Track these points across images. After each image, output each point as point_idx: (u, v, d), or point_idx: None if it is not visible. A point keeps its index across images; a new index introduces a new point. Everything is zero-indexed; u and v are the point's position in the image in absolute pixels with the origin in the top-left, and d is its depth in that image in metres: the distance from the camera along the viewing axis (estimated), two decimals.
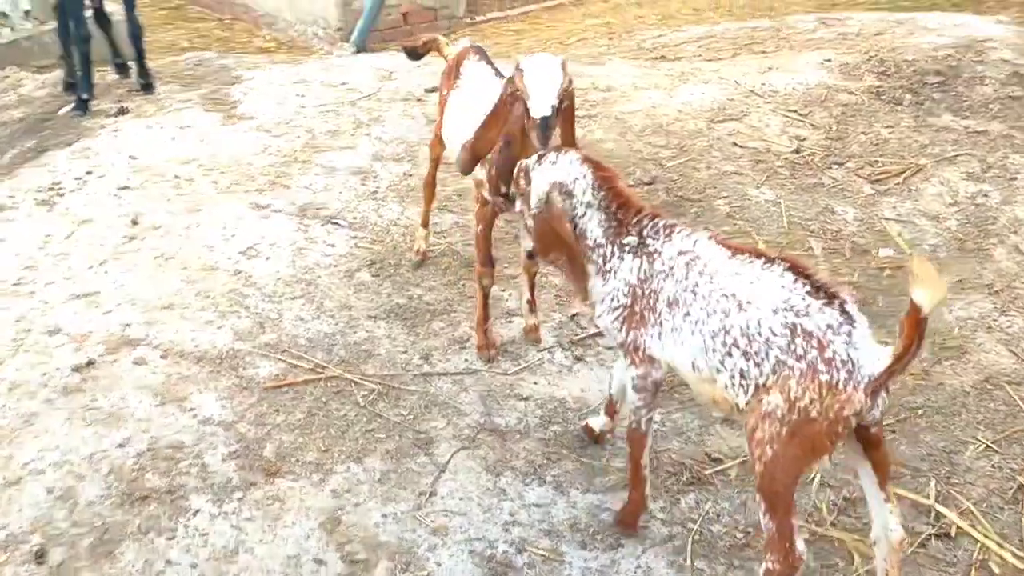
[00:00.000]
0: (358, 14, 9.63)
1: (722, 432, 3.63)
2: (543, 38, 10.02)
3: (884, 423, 3.55)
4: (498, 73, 3.92)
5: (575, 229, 2.92)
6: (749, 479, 3.41)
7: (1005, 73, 6.15)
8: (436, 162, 4.33)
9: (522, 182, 3.01)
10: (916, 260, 2.35)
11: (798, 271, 2.55)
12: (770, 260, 2.61)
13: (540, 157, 2.98)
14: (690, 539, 3.16)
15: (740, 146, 5.58)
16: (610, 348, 4.03)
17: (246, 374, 3.70)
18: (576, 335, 4.10)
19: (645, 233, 2.84)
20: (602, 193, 2.89)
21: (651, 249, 2.81)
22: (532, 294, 3.98)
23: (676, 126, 5.75)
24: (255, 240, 4.48)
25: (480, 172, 3.60)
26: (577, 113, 5.86)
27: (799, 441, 2.46)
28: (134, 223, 4.54)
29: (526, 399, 3.72)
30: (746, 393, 2.55)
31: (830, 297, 2.48)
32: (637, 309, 2.82)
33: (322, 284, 4.24)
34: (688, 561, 3.09)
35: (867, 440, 2.62)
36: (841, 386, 2.40)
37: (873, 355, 2.43)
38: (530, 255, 3.86)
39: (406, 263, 4.43)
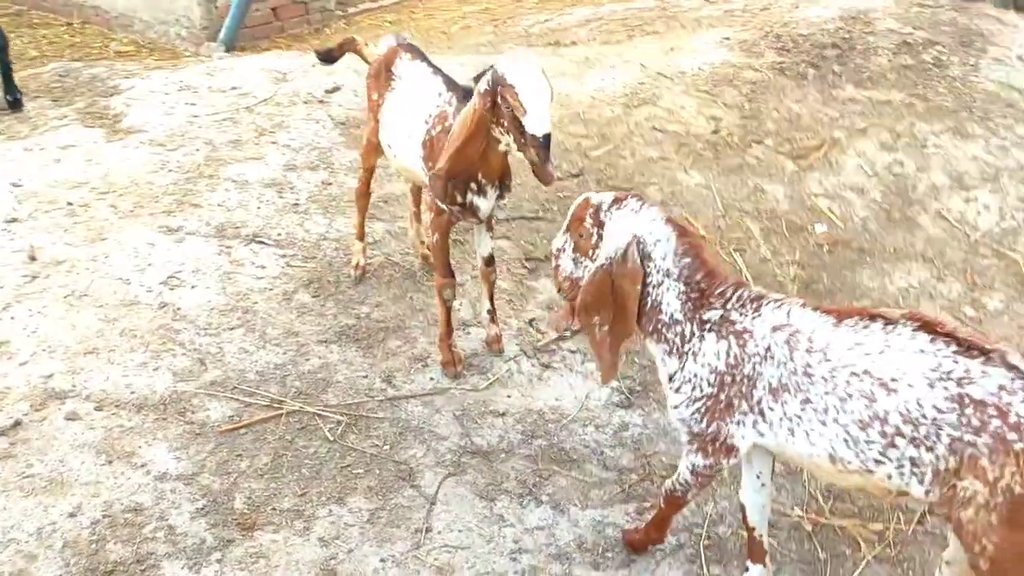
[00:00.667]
0: (223, 11, 9.12)
1: None
2: (423, 27, 9.75)
3: None
4: (437, 71, 3.69)
5: (644, 299, 2.58)
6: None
7: (895, 43, 6.31)
8: (370, 171, 4.07)
9: (588, 222, 2.63)
10: None
11: (932, 328, 2.26)
12: (890, 322, 2.31)
13: (617, 201, 2.61)
14: (701, 545, 3.05)
15: (660, 130, 5.52)
16: (574, 352, 3.89)
17: (196, 418, 3.36)
18: (538, 341, 3.93)
19: (730, 307, 2.51)
20: (686, 260, 2.54)
21: (739, 328, 2.48)
22: (492, 303, 3.79)
23: (593, 114, 5.64)
24: (175, 268, 4.09)
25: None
26: None
27: (1020, 523, 2.14)
28: (32, 259, 4.07)
29: (503, 415, 3.53)
30: (921, 481, 2.25)
31: (984, 352, 2.21)
32: (723, 397, 2.51)
33: (260, 310, 3.92)
34: (704, 568, 2.98)
35: None
36: None
37: None
38: (487, 262, 3.67)
39: (346, 280, 4.15)
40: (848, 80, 6.01)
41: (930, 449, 2.20)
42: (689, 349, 2.54)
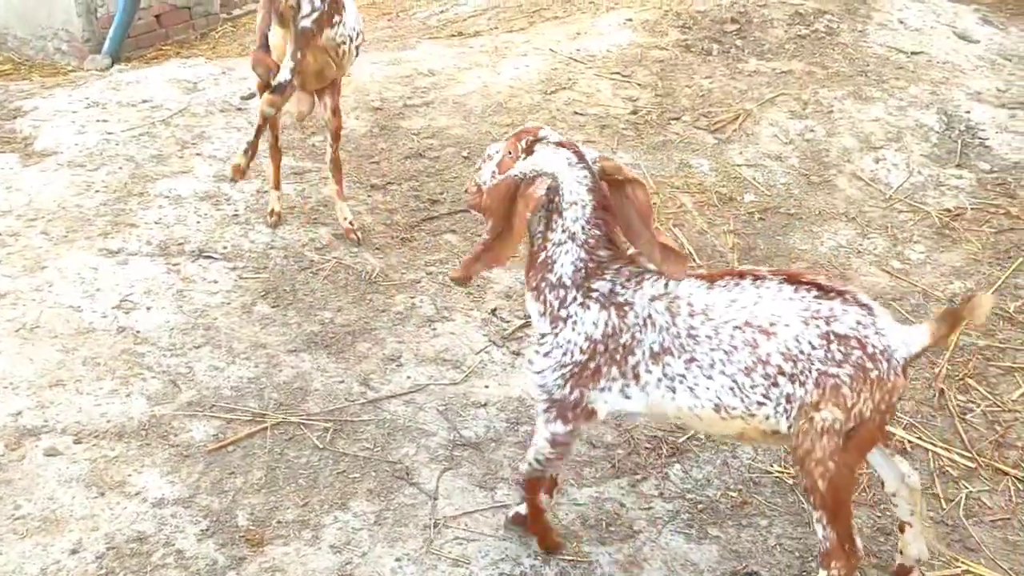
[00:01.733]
0: (105, 22, 8.81)
1: None
2: None
3: None
4: None
5: (539, 242, 2.64)
6: (719, 439, 3.50)
7: (788, 14, 6.62)
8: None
9: (522, 145, 2.65)
10: (982, 296, 2.42)
11: (795, 279, 2.48)
12: (758, 277, 2.51)
13: (561, 145, 2.62)
14: (696, 510, 3.21)
15: (581, 114, 5.66)
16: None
17: (180, 440, 3.31)
18: (504, 331, 4.01)
19: (617, 281, 2.60)
20: (596, 232, 2.59)
21: (621, 300, 2.58)
22: (257, 137, 4.03)
23: (514, 103, 5.73)
24: (125, 291, 4.00)
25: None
26: (412, 101, 5.72)
27: (857, 445, 2.41)
28: None
29: (484, 405, 3.60)
30: (788, 417, 2.44)
31: (839, 293, 2.44)
32: (592, 364, 2.59)
33: (222, 326, 3.87)
34: (702, 530, 3.13)
35: None
36: (887, 377, 2.38)
37: (900, 336, 2.42)
38: (276, 89, 3.88)
39: (302, 287, 4.13)
40: (750, 53, 6.28)
41: (802, 384, 2.39)
42: (567, 316, 2.59)
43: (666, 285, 2.56)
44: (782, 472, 3.38)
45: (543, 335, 2.65)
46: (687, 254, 2.75)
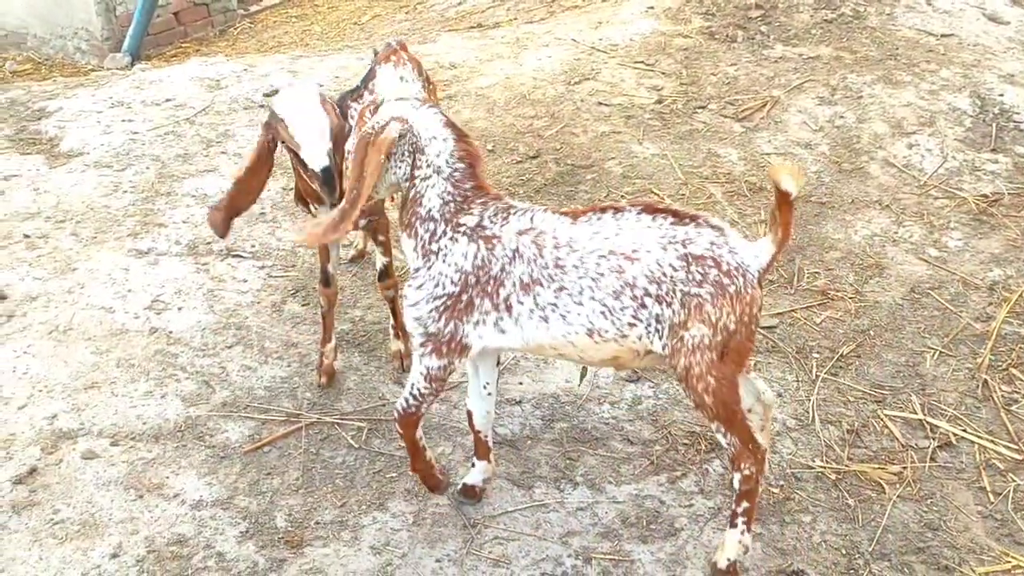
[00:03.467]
0: (124, 21, 8.82)
1: None
2: (332, 20, 9.61)
3: (842, 350, 3.75)
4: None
5: (407, 184, 2.72)
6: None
7: None
8: None
9: (369, 109, 2.82)
10: (771, 167, 2.53)
11: (651, 209, 2.61)
12: (619, 210, 2.64)
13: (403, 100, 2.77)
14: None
15: (606, 104, 5.60)
16: None
17: (216, 441, 3.30)
18: None
19: (485, 215, 2.69)
20: (460, 165, 2.69)
21: (489, 234, 2.66)
22: (397, 319, 3.63)
23: (538, 94, 5.68)
24: (156, 291, 3.99)
25: None
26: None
27: (731, 356, 2.57)
28: (2, 298, 3.91)
29: (519, 403, 3.57)
30: (661, 337, 2.58)
31: (694, 219, 2.58)
32: (465, 297, 2.67)
33: (253, 325, 3.85)
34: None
35: None
36: (744, 291, 2.52)
37: (751, 252, 2.57)
38: (379, 276, 3.62)
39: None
40: (776, 39, 6.19)
41: (669, 305, 2.54)
42: (438, 249, 2.68)
43: (532, 219, 2.68)
44: (824, 467, 3.33)
45: (416, 269, 2.74)
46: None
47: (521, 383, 3.66)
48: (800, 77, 5.76)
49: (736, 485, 2.76)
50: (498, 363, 3.05)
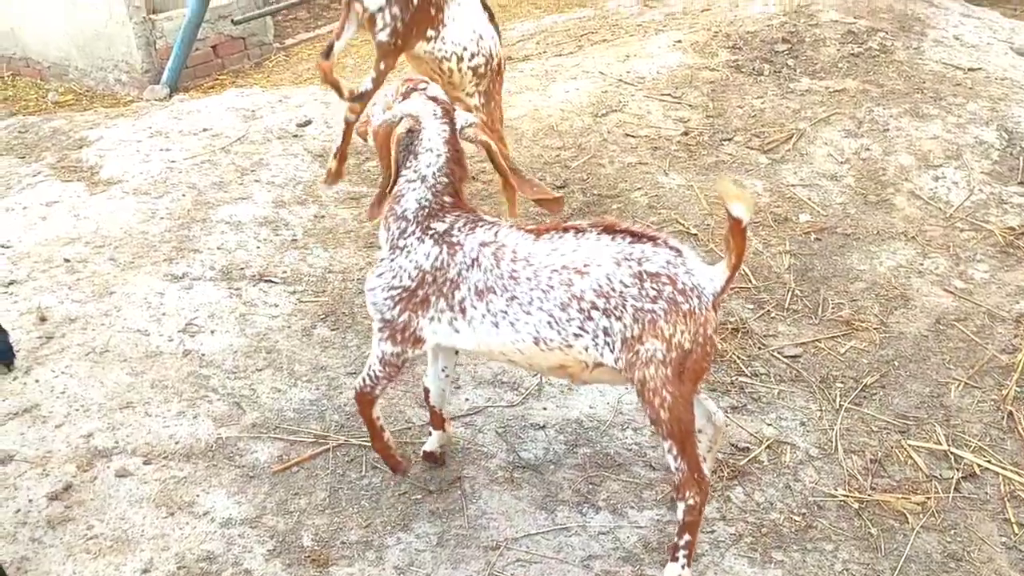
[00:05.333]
0: (164, 54, 9.06)
1: (737, 420, 3.67)
2: (364, 54, 9.79)
3: (865, 380, 3.76)
4: None
5: (396, 179, 2.95)
6: (781, 461, 3.48)
7: (840, 32, 6.58)
8: None
9: (402, 91, 3.01)
10: (720, 183, 2.62)
11: (611, 229, 2.71)
12: (580, 230, 2.75)
13: (434, 100, 2.98)
14: (759, 533, 3.18)
15: (632, 136, 5.67)
16: None
17: (246, 461, 3.37)
18: None
19: (455, 225, 2.88)
20: (444, 180, 2.92)
21: (454, 240, 2.85)
22: (344, 143, 4.30)
23: (565, 125, 5.77)
24: (190, 315, 4.08)
25: None
26: None
27: (687, 374, 2.63)
28: (42, 320, 4.02)
29: (543, 427, 3.61)
30: (612, 350, 2.66)
31: (652, 239, 2.68)
32: (420, 293, 2.87)
33: (284, 349, 3.93)
34: (766, 554, 3.10)
35: None
36: (699, 311, 2.59)
37: (707, 275, 2.64)
38: (357, 97, 4.21)
39: (360, 310, 4.18)
40: (802, 72, 6.25)
41: (619, 319, 2.63)
42: (404, 245, 2.90)
43: (496, 234, 2.84)
44: (847, 496, 3.34)
45: (381, 259, 2.96)
46: (560, 196, 3.13)
47: (545, 408, 3.71)
48: (826, 110, 5.81)
49: (680, 516, 2.79)
50: (456, 353, 3.22)
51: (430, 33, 4.18)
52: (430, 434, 3.39)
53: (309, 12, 11.57)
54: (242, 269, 4.43)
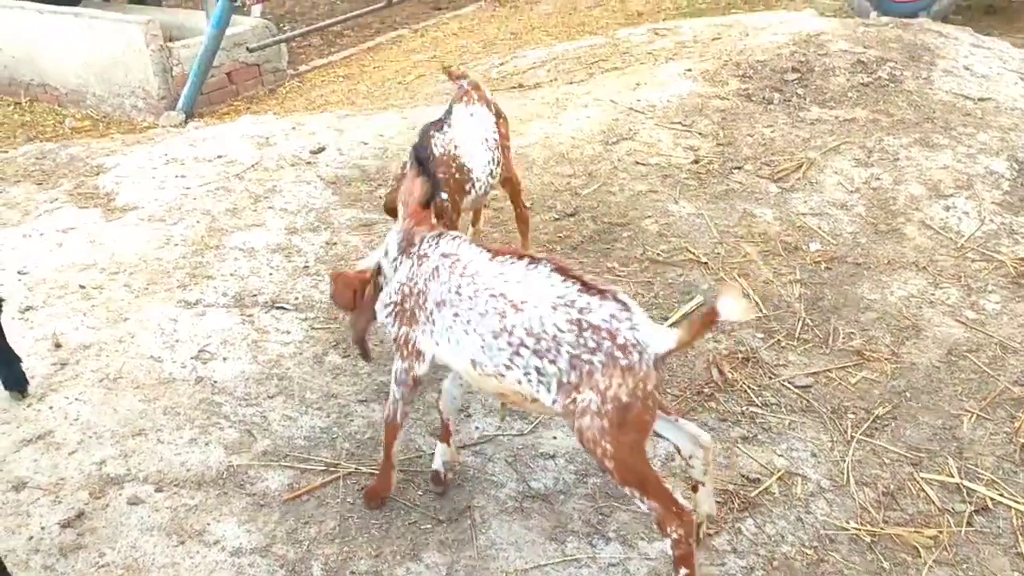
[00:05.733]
0: (180, 81, 9.16)
1: (747, 450, 3.67)
2: (377, 80, 9.89)
3: (877, 411, 3.74)
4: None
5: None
6: (792, 493, 3.47)
7: (850, 62, 6.61)
8: None
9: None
10: (727, 285, 2.66)
11: (565, 272, 2.72)
12: (534, 260, 2.78)
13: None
14: (771, 567, 3.17)
15: (643, 164, 5.70)
16: None
17: (256, 490, 3.39)
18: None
19: (425, 241, 3.04)
20: (401, 237, 3.13)
21: (422, 252, 3.00)
22: None
23: (575, 153, 5.80)
24: (203, 341, 4.11)
25: None
26: None
27: (627, 426, 2.62)
28: (57, 346, 4.06)
29: (553, 457, 3.62)
30: (549, 390, 2.68)
31: (601, 292, 2.67)
32: (407, 306, 3.00)
33: (295, 376, 3.95)
34: None
35: None
36: (638, 367, 2.59)
37: (654, 334, 2.63)
38: None
39: (372, 337, 4.18)
40: (812, 101, 6.27)
41: (552, 362, 2.64)
42: (395, 269, 3.11)
43: (458, 247, 2.94)
44: (859, 529, 3.33)
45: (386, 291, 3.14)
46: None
47: (555, 437, 3.71)
48: (836, 139, 5.83)
49: (670, 552, 2.76)
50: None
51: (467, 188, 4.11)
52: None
53: (323, 39, 11.70)
54: (255, 296, 4.46)
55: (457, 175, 3.94)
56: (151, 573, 3.01)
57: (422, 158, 3.39)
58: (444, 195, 3.84)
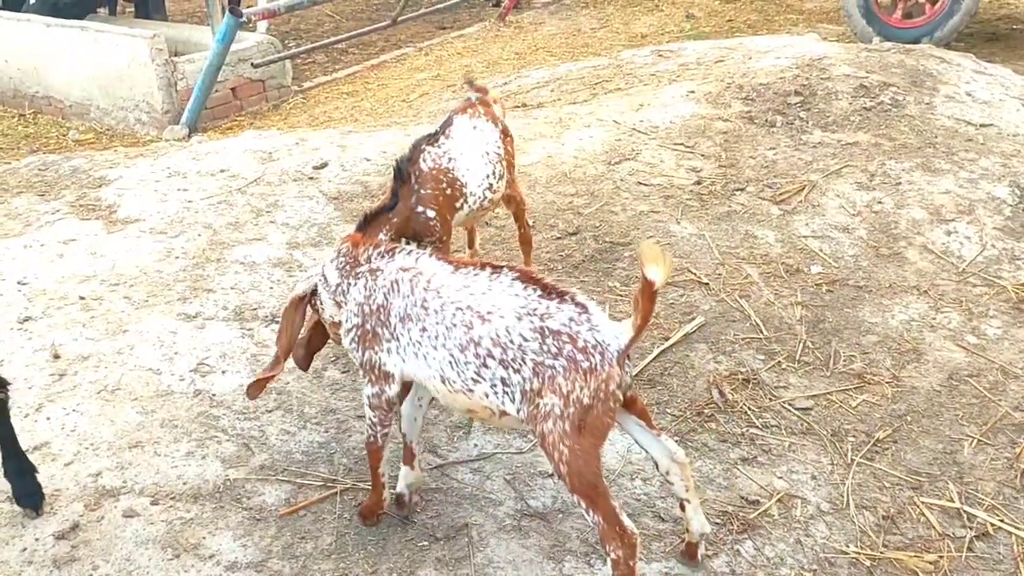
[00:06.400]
0: (184, 95, 9.20)
1: (747, 472, 3.65)
2: (380, 97, 9.92)
3: (878, 435, 3.72)
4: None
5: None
6: (791, 516, 3.45)
7: (852, 87, 6.63)
8: None
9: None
10: (643, 244, 2.65)
11: (526, 278, 2.75)
12: (496, 270, 2.80)
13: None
14: None
15: (645, 184, 5.71)
16: None
17: (253, 504, 3.36)
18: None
19: (373, 257, 3.03)
20: (342, 262, 3.11)
21: (375, 267, 2.98)
22: None
23: (578, 172, 5.81)
24: (202, 355, 4.10)
25: None
26: None
27: (586, 430, 2.63)
28: (56, 357, 4.04)
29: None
30: (513, 400, 2.70)
31: (561, 295, 2.70)
32: (368, 327, 2.96)
33: (294, 391, 3.94)
34: None
35: (625, 402, 2.80)
36: (600, 367, 2.60)
37: (613, 332, 2.66)
38: None
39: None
40: (815, 125, 6.29)
41: (517, 371, 2.66)
42: (346, 297, 3.06)
43: (416, 260, 2.94)
44: (859, 553, 3.31)
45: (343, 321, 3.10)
46: None
47: None
48: (838, 162, 5.84)
49: (610, 572, 2.75)
50: None
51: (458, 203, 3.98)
52: (399, 469, 3.38)
53: (327, 56, 11.76)
54: (255, 310, 4.45)
55: (448, 190, 3.84)
56: None
57: (399, 170, 3.50)
58: (432, 213, 3.78)
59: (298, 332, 3.26)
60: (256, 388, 3.26)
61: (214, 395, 3.87)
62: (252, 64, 9.67)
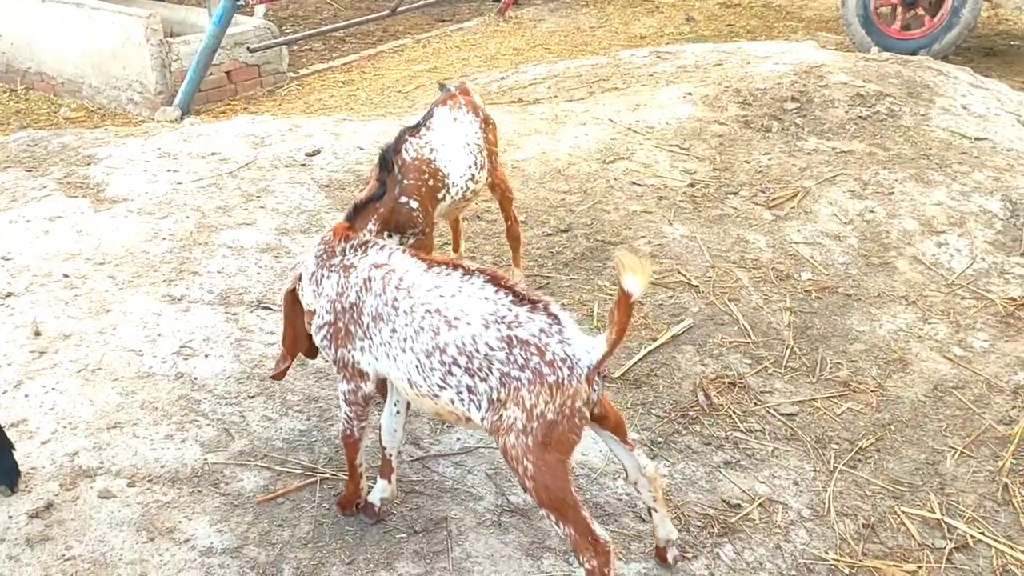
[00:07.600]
0: (178, 76, 9.13)
1: (729, 475, 3.64)
2: (377, 88, 9.87)
3: (861, 443, 3.71)
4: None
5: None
6: (772, 520, 3.44)
7: (849, 95, 6.63)
8: None
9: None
10: (620, 253, 2.52)
11: (498, 282, 2.67)
12: (468, 272, 2.71)
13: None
14: None
15: (639, 184, 5.69)
16: None
17: (231, 489, 3.33)
18: None
19: (347, 252, 2.94)
20: (321, 250, 3.03)
21: (347, 263, 2.90)
22: None
23: (572, 170, 5.79)
24: (185, 337, 4.06)
25: None
26: None
27: (551, 445, 2.54)
28: (37, 334, 4.00)
29: None
30: (479, 408, 2.62)
31: (533, 304, 2.61)
32: (341, 325, 2.89)
33: None
34: None
35: (596, 417, 2.75)
36: (567, 383, 2.52)
37: (585, 346, 2.56)
38: None
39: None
40: (810, 132, 6.29)
41: (484, 380, 2.58)
42: (320, 289, 2.98)
43: (389, 256, 2.86)
44: (838, 560, 3.30)
45: (314, 311, 3.03)
46: None
47: None
48: (832, 170, 5.83)
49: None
50: None
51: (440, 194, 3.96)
52: (374, 482, 3.29)
53: (324, 44, 11.70)
54: (241, 295, 4.42)
55: (430, 181, 3.80)
56: (118, 569, 2.95)
57: (384, 159, 3.45)
58: (415, 204, 3.74)
59: (299, 325, 3.16)
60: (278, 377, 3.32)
61: (196, 379, 3.83)
62: (248, 48, 9.61)
